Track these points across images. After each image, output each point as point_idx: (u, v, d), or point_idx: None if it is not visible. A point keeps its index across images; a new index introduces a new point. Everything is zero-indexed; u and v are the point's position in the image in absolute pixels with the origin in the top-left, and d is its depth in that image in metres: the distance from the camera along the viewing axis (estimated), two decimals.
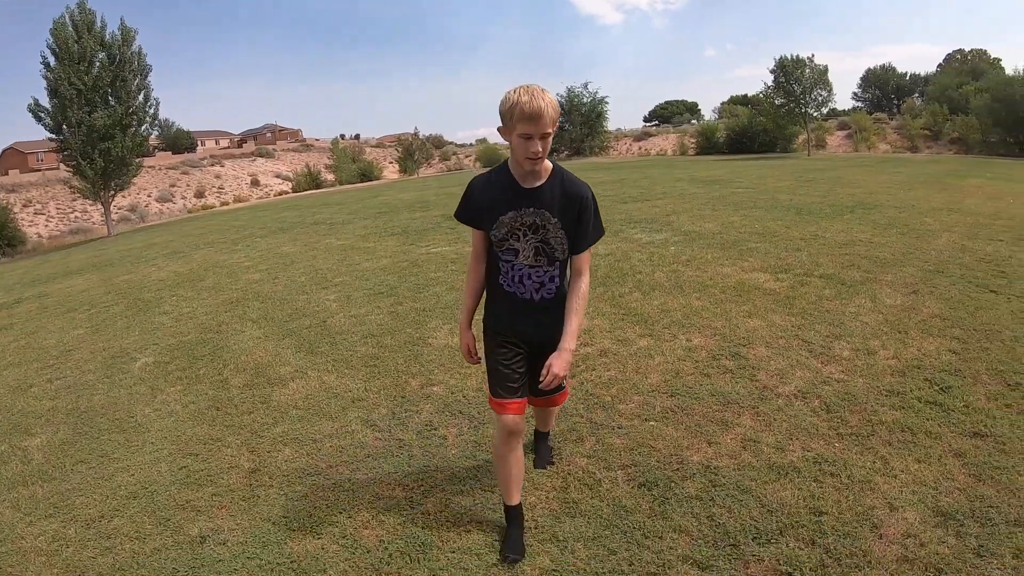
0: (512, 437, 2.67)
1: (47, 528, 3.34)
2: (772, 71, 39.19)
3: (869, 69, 69.66)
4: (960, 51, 66.36)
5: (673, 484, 3.21)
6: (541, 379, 2.52)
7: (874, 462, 3.37)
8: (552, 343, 2.57)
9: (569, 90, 46.06)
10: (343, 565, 2.78)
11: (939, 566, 2.65)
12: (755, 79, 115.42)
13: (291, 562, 2.82)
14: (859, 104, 66.85)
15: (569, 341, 2.55)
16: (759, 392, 4.14)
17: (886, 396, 4.03)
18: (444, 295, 6.74)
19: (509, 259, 2.60)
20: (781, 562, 2.67)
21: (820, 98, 38.75)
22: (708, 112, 78.96)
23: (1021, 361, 4.43)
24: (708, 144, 46.53)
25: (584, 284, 2.62)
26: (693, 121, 64.62)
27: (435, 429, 3.93)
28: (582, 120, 45.43)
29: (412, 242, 10.29)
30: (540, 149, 2.36)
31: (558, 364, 2.50)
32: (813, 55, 38.47)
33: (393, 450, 3.73)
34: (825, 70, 38.46)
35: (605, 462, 3.44)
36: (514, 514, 2.81)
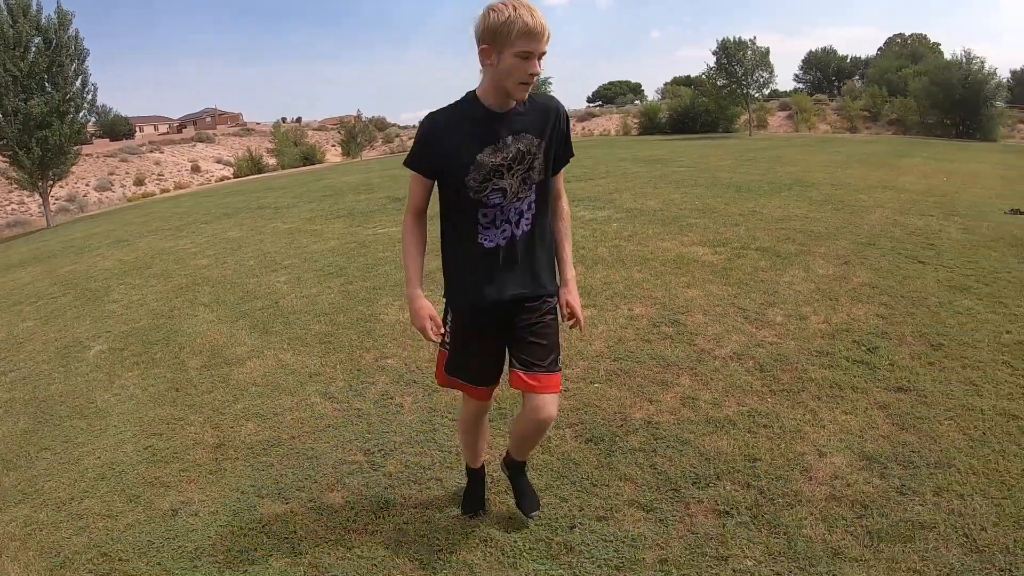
0: (484, 414, 2.83)
1: (18, 514, 3.45)
2: (715, 53, 42.09)
3: (811, 51, 73.76)
4: (900, 35, 71.17)
5: (617, 439, 3.56)
6: (570, 323, 2.59)
7: (804, 414, 3.79)
8: (535, 295, 2.51)
9: None
10: (312, 526, 3.03)
11: (865, 503, 3.04)
12: (699, 60, 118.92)
13: (262, 526, 3.05)
14: (800, 86, 70.33)
15: (569, 269, 2.56)
16: (697, 355, 4.55)
17: (816, 356, 4.50)
18: (393, 273, 7.13)
19: (496, 202, 2.36)
20: (719, 503, 3.01)
21: (761, 79, 42.16)
22: (652, 93, 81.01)
23: (945, 324, 4.96)
24: (651, 124, 48.41)
25: (566, 204, 2.59)
26: (637, 102, 66.49)
27: (391, 398, 4.26)
28: None
29: (359, 224, 10.76)
30: (538, 71, 2.21)
31: (574, 299, 2.55)
32: (755, 37, 41.67)
33: (352, 419, 4.02)
34: (767, 52, 41.57)
35: (555, 422, 3.77)
36: (478, 476, 3.02)
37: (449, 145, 2.30)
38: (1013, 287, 5.94)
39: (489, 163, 2.30)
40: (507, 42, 2.13)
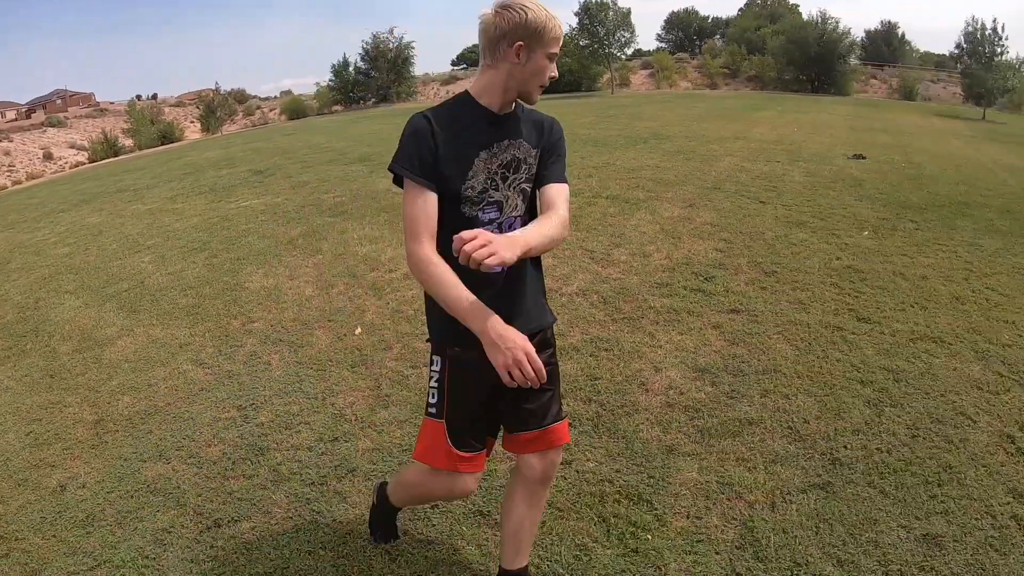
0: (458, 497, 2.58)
1: None
2: (577, 14, 44.37)
3: (673, 12, 77.69)
4: None
5: None
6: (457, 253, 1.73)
7: (643, 338, 4.41)
8: (540, 327, 2.28)
9: (375, 36, 48.57)
10: (193, 479, 3.36)
11: (697, 407, 3.63)
12: (563, 21, 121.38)
13: (147, 486, 3.35)
14: (663, 45, 73.64)
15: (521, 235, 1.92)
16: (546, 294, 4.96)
17: (656, 287, 5.19)
18: (256, 243, 7.53)
19: (491, 217, 2.13)
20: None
21: (623, 39, 45.15)
22: None
23: (779, 255, 5.74)
24: None
25: (561, 214, 2.09)
26: None
27: (259, 357, 4.66)
28: (388, 67, 47.78)
29: (220, 199, 11.06)
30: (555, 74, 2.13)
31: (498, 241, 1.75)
32: None
33: (224, 380, 4.39)
34: (628, 13, 44.33)
35: (411, 362, 4.33)
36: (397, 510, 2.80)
37: (444, 148, 2.03)
38: (846, 221, 6.90)
39: (483, 169, 2.07)
40: (543, 44, 2.03)
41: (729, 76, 51.40)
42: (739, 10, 71.53)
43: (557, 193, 2.14)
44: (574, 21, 44.47)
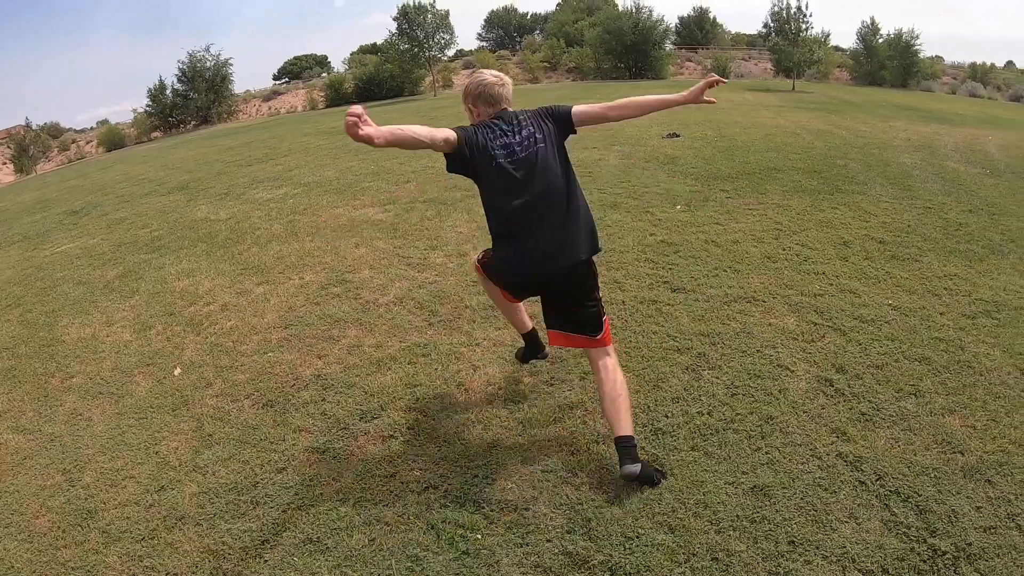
0: None
1: None
2: (395, 18, 45.27)
3: (492, 11, 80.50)
4: None
5: (291, 397, 4.18)
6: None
7: (460, 338, 4.53)
8: None
9: (191, 55, 47.19)
10: (26, 555, 3.26)
11: (517, 400, 3.74)
12: (386, 26, 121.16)
13: None
14: (484, 44, 75.22)
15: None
16: (363, 307, 5.11)
17: (473, 286, 5.29)
18: (71, 291, 7.23)
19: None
20: (384, 430, 3.65)
21: (443, 41, 46.82)
22: (339, 64, 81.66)
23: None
24: (337, 96, 50.02)
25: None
26: (324, 75, 66.70)
27: (80, 414, 4.55)
28: (207, 86, 46.81)
29: (35, 246, 10.36)
30: None
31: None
32: (435, 1, 45.60)
33: (46, 445, 4.25)
34: (447, 14, 46.14)
35: (232, 396, 4.36)
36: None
37: None
38: (659, 197, 7.30)
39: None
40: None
41: (550, 69, 53.72)
42: (557, 5, 74.64)
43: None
44: (393, 26, 45.72)
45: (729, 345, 4.18)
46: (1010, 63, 60.08)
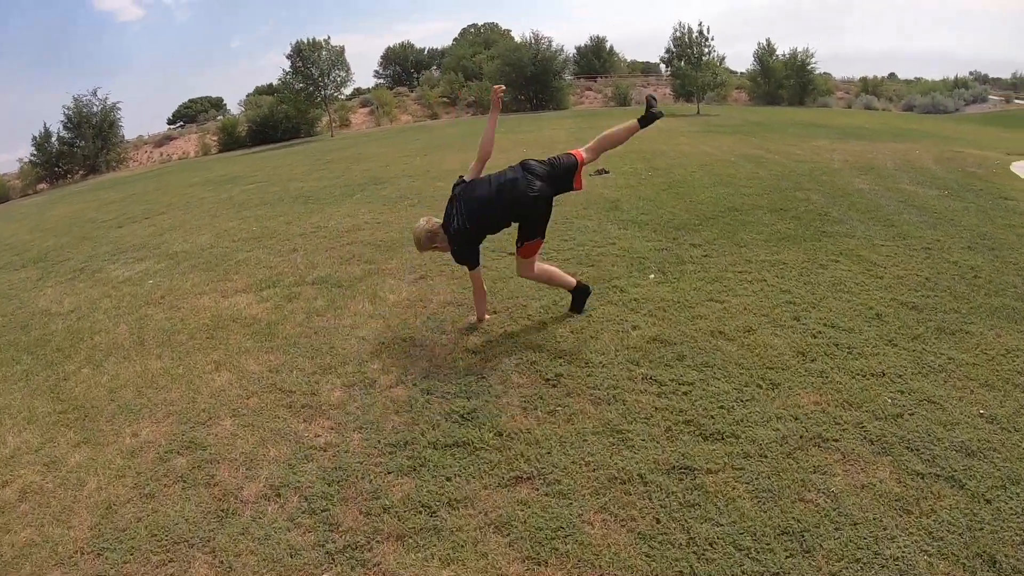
0: None
1: None
2: (289, 56, 42.25)
3: (389, 47, 79.12)
4: (474, 25, 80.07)
5: None
6: None
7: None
8: None
9: (76, 100, 42.62)
10: None
11: None
12: (280, 65, 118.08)
13: None
14: (381, 81, 73.36)
15: None
16: (217, 508, 3.02)
17: (390, 455, 3.12)
18: None
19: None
20: None
21: (339, 79, 43.74)
22: (235, 105, 78.76)
23: (558, 342, 4.06)
24: (231, 140, 47.06)
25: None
26: (220, 117, 63.66)
27: None
28: (94, 133, 42.44)
29: None
30: None
31: None
32: (329, 37, 43.44)
33: None
34: (342, 51, 43.12)
35: None
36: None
37: None
38: (620, 261, 5.69)
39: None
40: None
41: (449, 104, 52.30)
42: (454, 39, 74.34)
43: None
44: (287, 64, 42.85)
45: (823, 545, 2.41)
46: (892, 75, 62.83)
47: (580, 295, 4.50)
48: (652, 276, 5.17)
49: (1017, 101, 48.65)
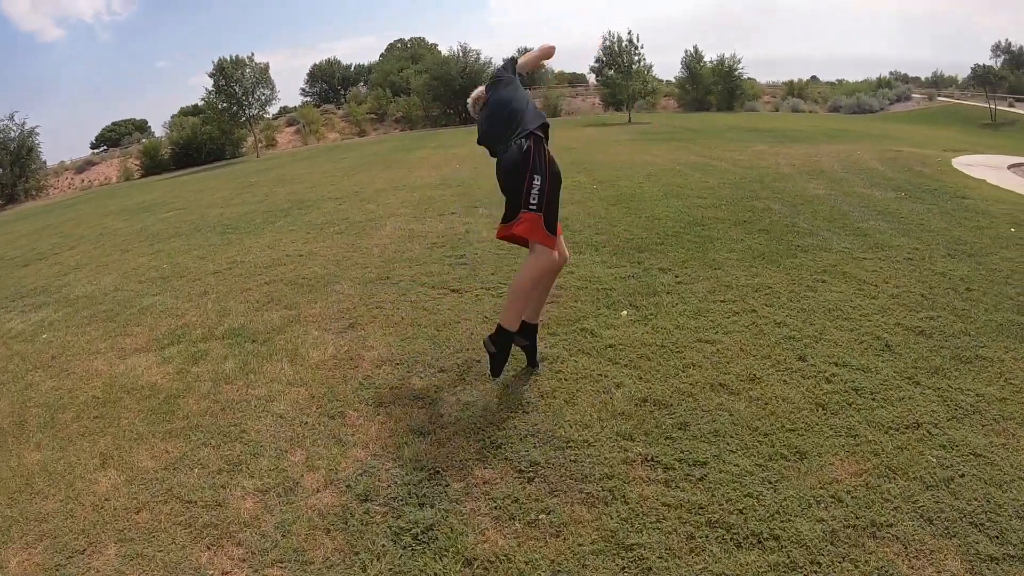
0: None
1: None
2: (211, 75, 39.98)
3: (315, 64, 77.06)
4: (401, 40, 78.51)
5: None
6: None
7: None
8: None
9: None
10: None
11: None
12: (204, 85, 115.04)
13: None
14: (308, 99, 71.72)
15: None
16: None
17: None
18: None
19: None
20: None
21: (264, 97, 41.71)
22: (159, 128, 76.10)
23: (526, 402, 3.17)
24: (154, 164, 45.01)
25: None
26: (144, 140, 61.21)
27: None
28: (11, 159, 39.85)
29: None
30: None
31: None
32: (253, 54, 40.92)
33: None
34: (266, 68, 41.25)
35: None
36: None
37: None
38: (584, 294, 4.89)
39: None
40: None
41: (377, 121, 51.32)
42: (380, 55, 73.26)
43: None
44: (211, 83, 40.64)
45: None
46: (814, 77, 64.53)
47: (500, 349, 3.48)
48: (625, 312, 4.38)
49: (940, 98, 50.59)
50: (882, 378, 3.43)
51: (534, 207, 3.28)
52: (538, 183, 3.30)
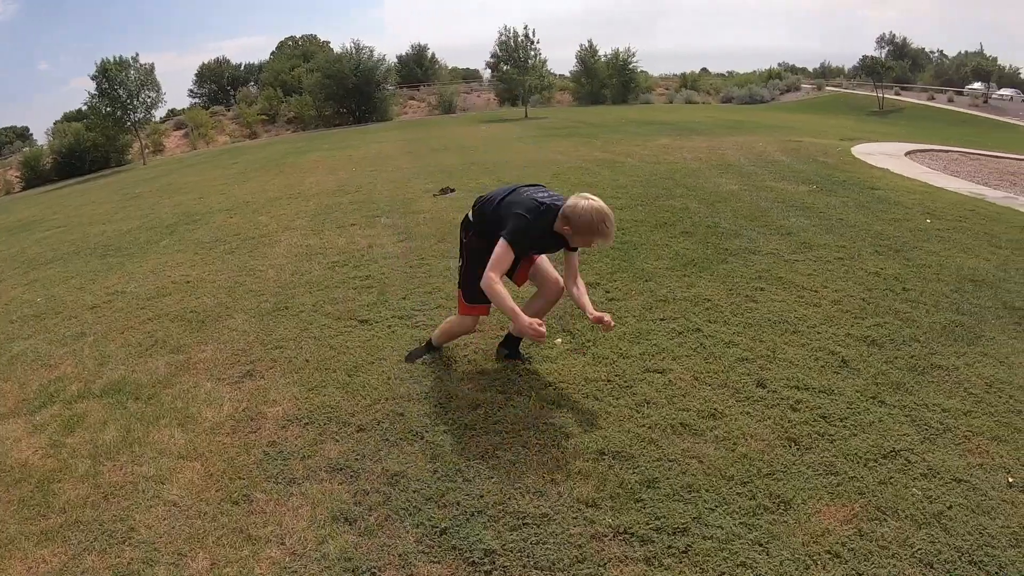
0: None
1: None
2: (94, 77, 36.71)
3: (203, 64, 73.88)
4: (292, 37, 75.91)
5: None
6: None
7: None
8: None
9: None
10: None
11: None
12: (86, 89, 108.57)
13: None
14: (196, 100, 68.81)
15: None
16: None
17: None
18: None
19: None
20: None
21: (150, 100, 38.84)
22: (42, 136, 71.60)
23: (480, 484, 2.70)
24: (35, 175, 41.72)
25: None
26: (25, 149, 57.03)
27: None
28: None
29: None
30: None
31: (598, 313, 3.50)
32: (138, 54, 37.77)
33: None
34: (151, 69, 38.37)
35: None
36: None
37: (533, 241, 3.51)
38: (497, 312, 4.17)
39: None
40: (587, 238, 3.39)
41: (268, 122, 49.50)
42: (271, 54, 71.21)
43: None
44: (93, 86, 37.18)
45: None
46: (704, 69, 66.61)
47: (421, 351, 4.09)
48: (559, 340, 3.96)
49: (829, 88, 52.97)
50: (847, 400, 3.19)
51: (459, 283, 3.70)
52: (459, 264, 3.76)
